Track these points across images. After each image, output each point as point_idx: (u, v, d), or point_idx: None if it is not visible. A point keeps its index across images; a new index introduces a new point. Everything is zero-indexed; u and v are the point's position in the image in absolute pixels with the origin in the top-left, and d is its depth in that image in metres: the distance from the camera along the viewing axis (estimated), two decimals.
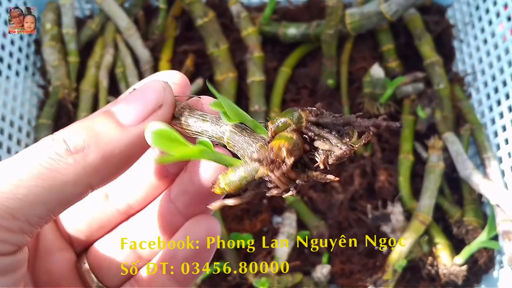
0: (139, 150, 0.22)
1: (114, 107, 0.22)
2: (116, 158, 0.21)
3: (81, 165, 0.20)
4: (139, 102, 0.22)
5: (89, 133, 0.21)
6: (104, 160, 0.21)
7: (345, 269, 0.65)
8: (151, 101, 0.22)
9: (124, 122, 0.21)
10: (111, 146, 0.21)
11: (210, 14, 0.73)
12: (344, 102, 0.72)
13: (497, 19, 0.68)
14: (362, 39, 0.75)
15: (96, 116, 0.22)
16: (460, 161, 0.66)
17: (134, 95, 0.22)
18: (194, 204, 0.25)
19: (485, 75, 0.71)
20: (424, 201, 0.65)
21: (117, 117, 0.22)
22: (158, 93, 0.22)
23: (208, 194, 0.24)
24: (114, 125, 0.21)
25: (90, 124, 0.21)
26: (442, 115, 0.70)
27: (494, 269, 0.64)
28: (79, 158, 0.20)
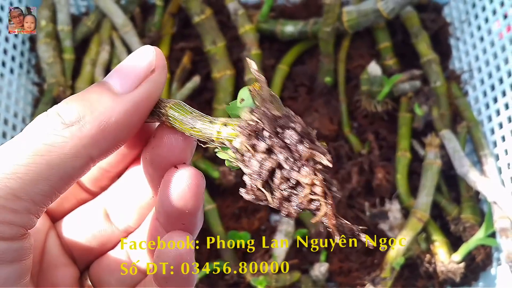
0: (135, 118, 0.22)
1: (107, 77, 0.22)
2: (113, 127, 0.21)
3: (77, 137, 0.20)
4: (130, 69, 0.22)
5: (83, 104, 0.21)
6: (101, 130, 0.20)
7: (343, 267, 0.65)
8: (143, 67, 0.22)
9: (117, 90, 0.21)
10: (106, 116, 0.20)
11: (207, 12, 0.73)
12: (341, 99, 0.72)
13: (494, 17, 0.68)
14: (359, 37, 0.75)
15: (90, 88, 0.22)
16: (457, 159, 0.66)
17: (125, 63, 0.22)
18: (170, 223, 0.24)
19: (482, 73, 0.71)
20: (421, 199, 0.65)
21: (110, 86, 0.21)
22: (148, 58, 0.22)
23: (179, 214, 0.23)
24: (107, 94, 0.21)
25: (84, 96, 0.21)
26: (439, 113, 0.70)
27: (491, 267, 0.64)
28: (74, 130, 0.20)
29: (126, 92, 0.21)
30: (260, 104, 0.21)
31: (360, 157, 0.69)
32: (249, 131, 0.21)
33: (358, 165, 0.68)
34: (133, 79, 0.21)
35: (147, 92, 0.22)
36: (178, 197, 0.22)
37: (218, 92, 0.71)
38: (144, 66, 0.22)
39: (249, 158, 0.21)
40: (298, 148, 0.20)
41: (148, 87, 0.22)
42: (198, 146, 0.24)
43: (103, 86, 0.21)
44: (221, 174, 0.66)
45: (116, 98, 0.21)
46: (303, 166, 0.20)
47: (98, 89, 0.21)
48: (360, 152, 0.70)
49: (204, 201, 0.24)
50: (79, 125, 0.20)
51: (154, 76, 0.22)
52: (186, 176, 0.22)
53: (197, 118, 0.22)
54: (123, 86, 0.21)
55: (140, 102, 0.22)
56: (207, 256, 0.65)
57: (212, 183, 0.67)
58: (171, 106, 0.23)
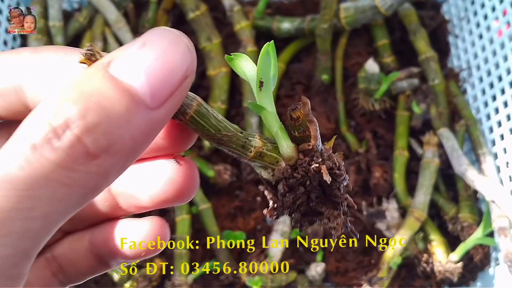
0: (155, 135, 0.17)
1: (133, 80, 0.16)
2: (137, 154, 0.16)
3: (100, 174, 0.15)
4: (166, 75, 0.16)
5: (110, 125, 0.15)
6: (126, 161, 0.16)
7: (340, 267, 0.64)
8: (181, 72, 0.16)
9: (149, 104, 0.16)
10: (138, 143, 0.16)
11: (202, 8, 0.71)
12: (338, 97, 0.71)
13: (492, 14, 0.68)
14: (357, 34, 0.74)
15: (111, 96, 0.15)
16: (455, 157, 0.65)
17: (158, 63, 0.16)
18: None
19: (480, 70, 0.70)
20: (419, 198, 0.64)
21: (141, 98, 0.16)
22: (187, 59, 0.16)
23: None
24: (141, 112, 0.16)
25: (107, 110, 0.15)
26: (437, 111, 0.69)
27: (490, 266, 0.63)
28: (103, 164, 0.15)
29: (157, 107, 0.16)
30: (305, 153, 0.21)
31: (358, 156, 0.68)
32: (288, 175, 0.20)
33: (355, 164, 0.68)
34: (168, 89, 0.16)
35: (178, 104, 0.17)
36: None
37: (214, 89, 0.70)
38: (182, 72, 0.16)
39: (282, 194, 0.21)
40: (330, 193, 0.21)
41: (179, 98, 0.17)
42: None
43: (132, 97, 0.16)
44: (216, 173, 0.65)
45: (149, 117, 0.16)
46: (331, 204, 0.21)
47: (127, 102, 0.15)
48: (358, 151, 0.69)
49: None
50: (106, 157, 0.15)
51: (187, 82, 0.17)
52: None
53: (223, 126, 0.21)
54: (156, 99, 0.16)
55: (168, 117, 0.17)
56: (202, 256, 0.64)
57: (207, 182, 0.66)
58: (196, 108, 0.20)
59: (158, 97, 0.16)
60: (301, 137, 0.21)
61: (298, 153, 0.21)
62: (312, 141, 0.20)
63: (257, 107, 0.21)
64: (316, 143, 0.21)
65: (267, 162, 0.21)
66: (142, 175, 0.22)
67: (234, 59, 0.22)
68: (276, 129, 0.21)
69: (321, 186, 0.21)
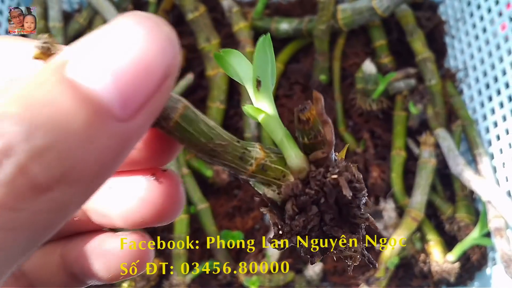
0: (130, 150, 0.14)
1: (98, 85, 0.12)
2: (104, 176, 0.13)
3: (57, 206, 0.12)
4: (140, 79, 0.12)
5: (64, 154, 0.12)
6: (89, 186, 0.13)
7: (337, 266, 0.64)
8: (158, 73, 0.13)
9: (118, 115, 0.12)
10: (103, 163, 0.12)
11: (201, 9, 0.72)
12: (336, 97, 0.72)
13: (488, 15, 0.68)
14: (354, 35, 0.75)
15: (64, 102, 0.12)
16: (451, 157, 0.66)
17: (129, 65, 0.12)
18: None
19: (477, 71, 0.71)
20: (416, 198, 0.64)
21: (108, 108, 0.12)
22: (167, 56, 0.13)
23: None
24: (108, 127, 0.12)
25: (58, 126, 0.12)
26: (434, 111, 0.70)
27: (487, 266, 0.64)
28: (57, 196, 0.12)
29: (129, 118, 0.12)
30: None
31: (355, 155, 0.69)
32: (299, 191, 0.17)
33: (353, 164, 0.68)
34: (144, 94, 0.12)
35: (156, 112, 0.14)
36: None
37: (212, 90, 0.70)
38: (162, 70, 0.13)
39: (290, 217, 0.17)
40: (348, 213, 0.18)
41: (159, 103, 0.13)
42: None
43: (95, 107, 0.12)
44: (215, 172, 0.66)
45: (119, 132, 0.12)
46: (349, 227, 0.18)
47: (88, 114, 0.12)
48: (355, 151, 0.69)
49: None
50: (62, 188, 0.12)
51: (168, 83, 0.13)
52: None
53: (215, 134, 0.17)
54: (127, 108, 0.12)
55: (145, 129, 0.14)
56: (200, 255, 0.64)
57: (205, 182, 0.67)
58: (183, 112, 0.16)
59: (130, 106, 0.12)
60: (311, 144, 0.17)
61: (310, 164, 0.17)
62: (326, 148, 0.17)
63: (255, 111, 0.17)
64: (331, 149, 0.17)
65: (272, 177, 0.17)
66: (114, 192, 0.18)
67: (224, 56, 0.19)
68: (281, 136, 0.17)
69: (338, 204, 0.17)
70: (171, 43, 0.13)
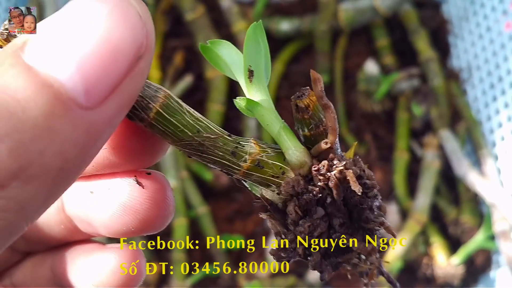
0: (103, 142, 0.12)
1: (59, 70, 0.11)
2: (70, 170, 0.12)
3: (16, 204, 0.11)
4: (106, 63, 0.11)
5: (19, 146, 0.10)
6: (53, 180, 0.11)
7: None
8: (128, 55, 0.11)
9: (82, 103, 0.11)
10: (66, 156, 0.11)
11: (200, 9, 0.71)
12: (338, 98, 0.71)
13: (492, 13, 0.67)
14: (356, 35, 0.74)
15: (21, 88, 0.10)
16: (455, 159, 0.65)
17: (94, 47, 0.11)
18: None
19: (481, 71, 0.69)
20: (419, 200, 0.63)
21: (71, 96, 0.11)
22: (137, 35, 0.11)
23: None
24: (71, 116, 0.11)
25: (13, 115, 0.10)
26: (437, 112, 0.68)
27: (491, 269, 0.63)
28: (13, 193, 0.11)
29: (95, 106, 0.11)
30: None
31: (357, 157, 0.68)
32: (301, 189, 0.14)
33: None
34: (112, 79, 0.11)
35: (128, 100, 0.12)
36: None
37: (211, 91, 0.69)
38: (133, 51, 0.11)
39: (294, 222, 0.15)
40: (360, 216, 0.15)
41: (130, 89, 0.12)
42: None
43: (56, 94, 0.11)
44: (214, 176, 0.65)
45: (84, 121, 0.11)
46: (361, 234, 0.15)
47: (47, 102, 0.10)
48: (357, 152, 0.68)
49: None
50: (18, 185, 0.10)
51: (141, 65, 0.12)
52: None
53: (203, 127, 0.15)
54: (93, 94, 0.11)
55: (116, 119, 0.12)
56: (200, 259, 0.63)
57: (205, 185, 0.66)
58: (164, 101, 0.14)
59: (96, 92, 0.11)
60: (313, 136, 0.15)
61: (312, 158, 0.15)
62: (330, 137, 0.15)
63: (249, 103, 0.15)
64: (336, 138, 0.15)
65: (269, 174, 0.15)
66: (96, 198, 0.17)
67: (211, 48, 0.16)
68: (278, 128, 0.15)
69: (347, 206, 0.15)
70: (142, 19, 0.11)
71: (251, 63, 0.15)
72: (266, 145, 0.16)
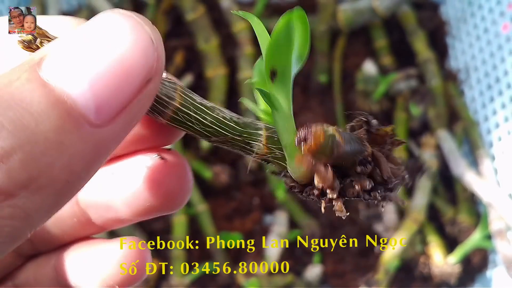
0: (107, 156, 0.13)
1: (72, 87, 0.11)
2: (76, 184, 0.12)
3: (23, 213, 0.11)
4: (118, 83, 0.12)
5: (29, 158, 0.11)
6: (59, 193, 0.12)
7: (337, 269, 0.64)
8: (139, 77, 0.12)
9: (93, 120, 0.12)
10: (73, 169, 0.11)
11: (200, 9, 0.72)
12: (336, 98, 0.71)
13: (490, 15, 0.67)
14: (355, 35, 0.74)
15: (35, 102, 0.11)
16: (452, 159, 0.65)
17: (108, 68, 0.12)
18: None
19: (478, 72, 0.70)
20: (417, 200, 0.64)
21: (82, 113, 0.11)
22: (148, 60, 0.12)
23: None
24: (81, 133, 0.11)
25: (25, 128, 0.11)
26: (435, 112, 0.69)
27: (487, 269, 0.63)
28: (20, 203, 0.11)
29: (105, 124, 0.12)
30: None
31: None
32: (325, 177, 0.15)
33: None
34: (123, 99, 0.12)
35: (136, 117, 0.13)
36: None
37: (212, 91, 0.70)
38: (143, 74, 0.12)
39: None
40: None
41: (139, 108, 0.13)
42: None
43: (68, 110, 0.11)
44: (214, 175, 0.65)
45: (93, 138, 0.12)
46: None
47: (59, 118, 0.11)
48: None
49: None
50: (26, 195, 0.11)
51: (150, 87, 0.12)
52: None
53: (219, 115, 0.16)
54: (103, 113, 0.12)
55: (122, 136, 0.13)
56: (198, 257, 0.64)
57: (204, 183, 0.66)
58: (180, 99, 0.14)
59: (106, 111, 0.12)
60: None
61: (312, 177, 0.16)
62: (329, 192, 0.16)
63: (269, 97, 0.14)
64: (328, 185, 0.15)
65: (275, 168, 0.17)
66: (118, 179, 0.17)
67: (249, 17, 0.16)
68: (289, 141, 0.15)
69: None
70: (154, 44, 0.12)
71: (276, 63, 0.14)
72: (275, 146, 0.16)
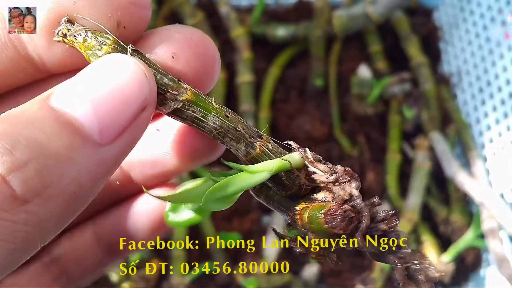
0: (111, 173, 0.15)
1: (78, 111, 0.14)
2: (83, 196, 0.14)
3: (36, 221, 0.13)
4: (118, 108, 0.14)
5: (46, 166, 0.12)
6: (67, 204, 0.13)
7: (334, 268, 0.65)
8: (135, 105, 0.14)
9: (97, 140, 0.14)
10: (80, 182, 0.13)
11: (199, 15, 0.74)
12: (332, 102, 0.73)
13: (481, 21, 0.69)
14: (350, 41, 0.76)
15: (47, 124, 0.13)
16: (445, 160, 0.67)
17: (109, 95, 0.14)
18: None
19: (470, 76, 0.72)
20: (411, 200, 0.65)
21: (87, 133, 0.14)
22: (143, 92, 0.15)
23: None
24: (87, 150, 0.14)
25: (39, 144, 0.13)
26: (428, 115, 0.71)
27: (481, 267, 0.65)
28: (34, 209, 0.12)
29: (108, 143, 0.14)
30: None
31: (351, 159, 0.70)
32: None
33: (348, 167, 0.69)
34: (121, 123, 0.14)
35: (133, 139, 0.15)
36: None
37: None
38: (138, 103, 0.15)
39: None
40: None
41: (135, 132, 0.15)
42: None
43: (76, 130, 0.13)
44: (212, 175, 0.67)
45: (98, 155, 0.14)
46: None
47: (68, 136, 0.13)
48: (351, 154, 0.70)
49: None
50: (39, 202, 0.12)
51: (144, 115, 0.15)
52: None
53: (239, 127, 0.18)
54: (106, 133, 0.14)
55: (123, 155, 0.15)
56: (197, 257, 0.65)
57: None
58: (190, 103, 0.17)
59: (108, 132, 0.14)
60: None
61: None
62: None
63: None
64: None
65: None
66: (165, 133, 0.20)
67: None
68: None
69: None
70: (147, 80, 0.15)
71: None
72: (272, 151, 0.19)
